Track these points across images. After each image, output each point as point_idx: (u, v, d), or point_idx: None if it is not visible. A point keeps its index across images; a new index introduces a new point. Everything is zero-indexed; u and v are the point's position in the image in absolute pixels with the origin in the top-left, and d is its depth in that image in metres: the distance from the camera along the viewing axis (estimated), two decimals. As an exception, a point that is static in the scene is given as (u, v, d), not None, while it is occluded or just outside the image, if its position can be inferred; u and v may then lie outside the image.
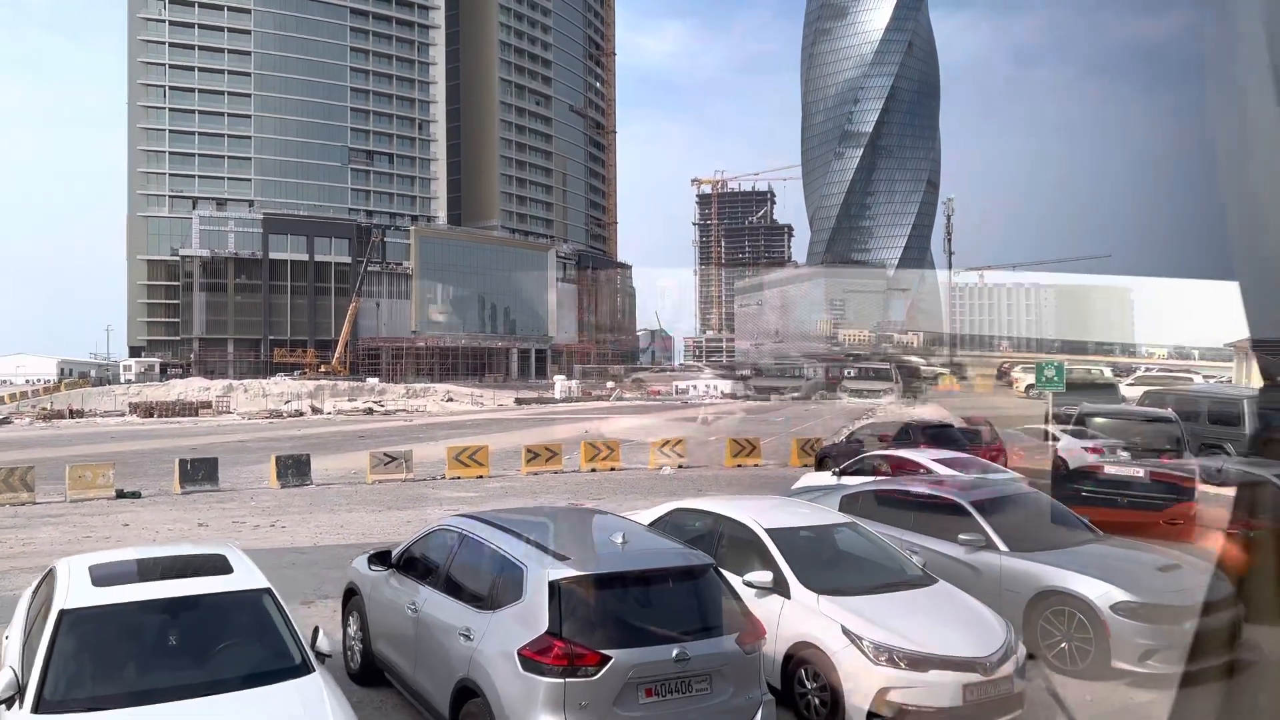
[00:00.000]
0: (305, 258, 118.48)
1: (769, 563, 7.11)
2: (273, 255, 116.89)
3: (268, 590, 5.37)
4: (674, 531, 8.22)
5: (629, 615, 5.50)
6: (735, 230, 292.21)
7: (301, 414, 74.51)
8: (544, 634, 5.19)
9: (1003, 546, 8.31)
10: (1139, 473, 11.37)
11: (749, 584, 6.95)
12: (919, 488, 9.34)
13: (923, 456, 14.24)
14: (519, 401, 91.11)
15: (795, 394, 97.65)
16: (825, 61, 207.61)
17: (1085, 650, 7.55)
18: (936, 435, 19.48)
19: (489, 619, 5.64)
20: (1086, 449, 17.84)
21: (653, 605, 5.66)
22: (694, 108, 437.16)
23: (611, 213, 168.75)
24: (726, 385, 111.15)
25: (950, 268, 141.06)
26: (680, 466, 26.26)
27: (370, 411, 76.34)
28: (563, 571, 5.42)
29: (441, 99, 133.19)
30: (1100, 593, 7.51)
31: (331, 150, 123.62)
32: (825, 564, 7.36)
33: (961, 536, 8.41)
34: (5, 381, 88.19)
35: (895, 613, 6.63)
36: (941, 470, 13.61)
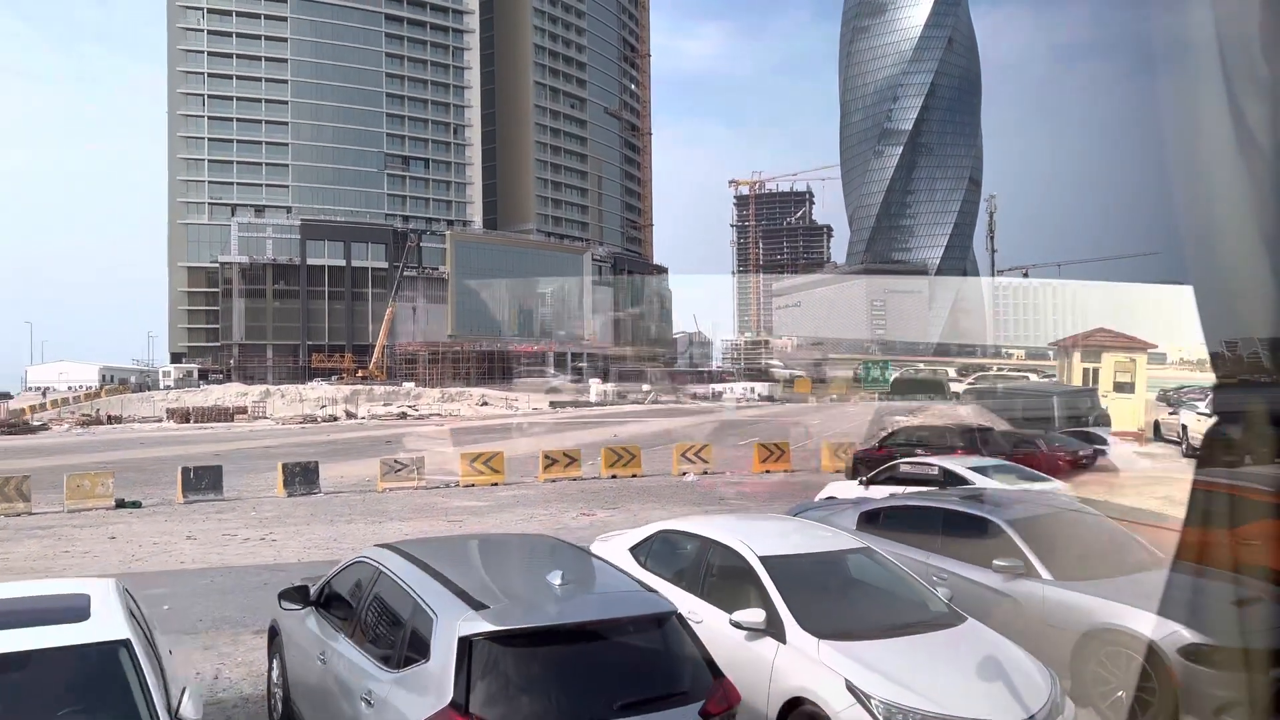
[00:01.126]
0: (342, 263, 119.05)
1: (762, 598, 5.95)
2: (310, 261, 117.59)
3: (125, 642, 4.30)
4: (658, 558, 7.11)
5: (562, 681, 4.32)
6: (773, 231, 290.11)
7: (335, 419, 74.49)
8: (446, 707, 4.07)
9: (1046, 574, 7.03)
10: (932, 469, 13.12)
11: (736, 624, 5.81)
12: (948, 503, 8.12)
13: (959, 465, 12.96)
14: (553, 405, 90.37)
15: (832, 396, 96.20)
16: (864, 59, 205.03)
17: (1147, 702, 6.25)
18: (978, 440, 18.14)
19: (390, 682, 4.54)
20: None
21: (596, 667, 4.46)
22: (733, 110, 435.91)
23: (647, 215, 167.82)
24: (763, 387, 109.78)
25: (993, 266, 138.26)
26: (705, 473, 25.10)
27: (404, 416, 76.09)
28: (476, 625, 4.28)
29: (476, 103, 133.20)
30: (1165, 632, 6.18)
31: (367, 156, 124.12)
32: (830, 600, 6.15)
33: (997, 562, 7.15)
34: (49, 388, 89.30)
35: (913, 662, 5.40)
36: (979, 481, 12.34)
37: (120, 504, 19.15)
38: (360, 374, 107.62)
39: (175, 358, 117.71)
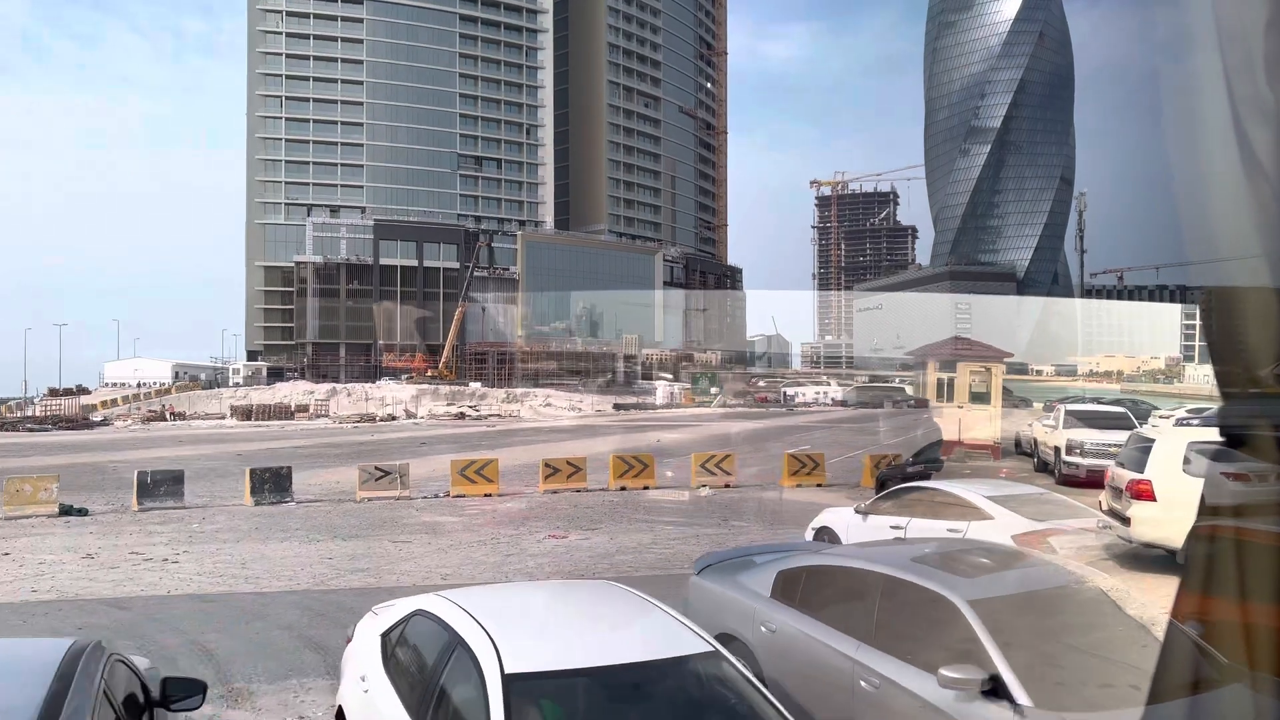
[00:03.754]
0: (415, 263, 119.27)
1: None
2: (383, 261, 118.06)
3: None
4: (402, 656, 4.77)
5: None
6: (856, 233, 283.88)
7: (395, 418, 74.00)
8: None
9: (1022, 696, 4.45)
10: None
11: None
12: (890, 565, 5.55)
13: (974, 491, 10.25)
14: (617, 407, 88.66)
15: (909, 402, 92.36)
16: (950, 55, 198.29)
17: None
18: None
19: None
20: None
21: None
22: (818, 112, 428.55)
23: (722, 215, 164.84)
24: (837, 392, 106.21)
25: (1081, 268, 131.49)
26: (727, 486, 22.61)
27: (461, 416, 75.21)
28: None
29: (549, 103, 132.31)
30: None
31: (441, 156, 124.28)
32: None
33: (945, 672, 4.62)
34: (122, 384, 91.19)
35: None
36: (996, 515, 9.66)
37: (65, 510, 17.65)
38: (430, 374, 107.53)
39: (251, 355, 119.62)
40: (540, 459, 22.71)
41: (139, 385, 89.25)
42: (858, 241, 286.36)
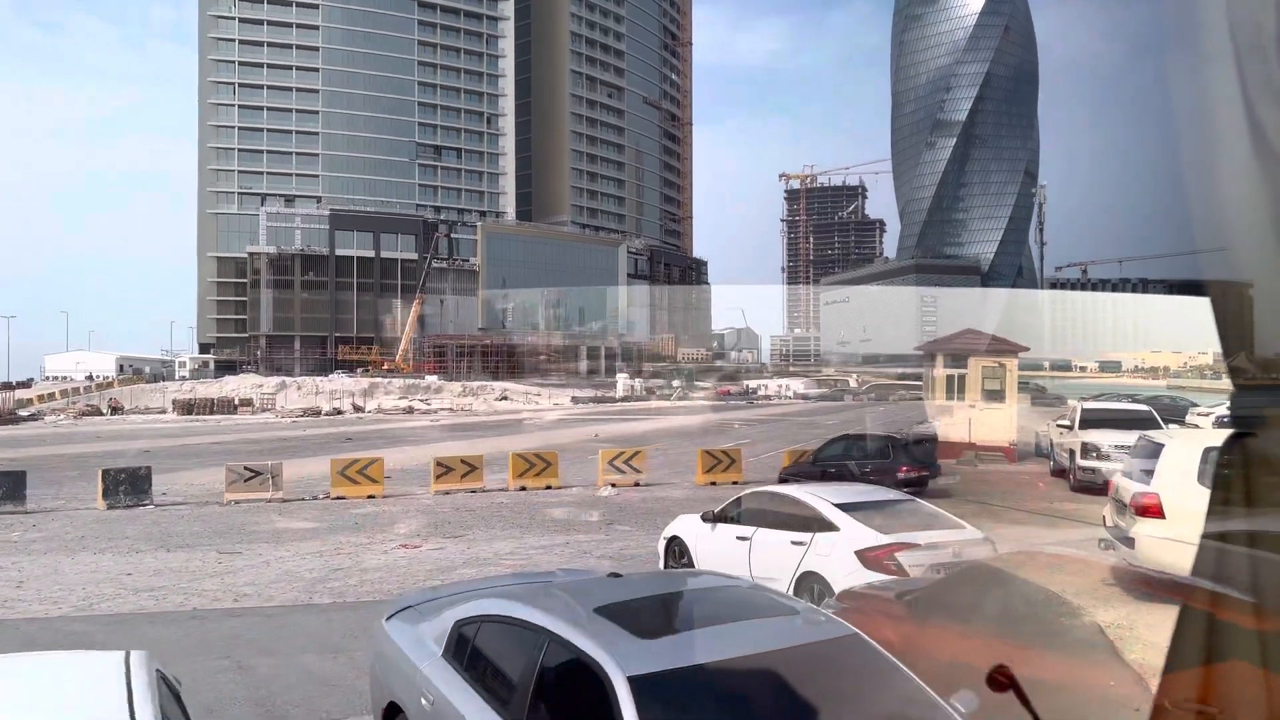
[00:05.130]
0: (372, 254, 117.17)
1: None
2: (339, 252, 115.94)
3: None
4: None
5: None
6: (824, 226, 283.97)
7: (341, 412, 72.17)
8: None
9: None
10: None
11: None
12: (555, 620, 3.95)
13: (819, 499, 8.95)
14: (576, 400, 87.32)
15: (870, 395, 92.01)
16: (916, 49, 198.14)
17: None
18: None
19: None
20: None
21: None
22: (791, 106, 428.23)
23: (687, 207, 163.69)
24: (799, 385, 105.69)
25: (1041, 260, 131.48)
26: (636, 485, 21.28)
27: (411, 410, 73.48)
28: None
29: (511, 93, 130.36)
30: None
31: (399, 146, 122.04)
32: None
33: None
34: (64, 378, 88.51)
35: None
36: (845, 526, 8.38)
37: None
38: (386, 367, 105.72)
39: (204, 348, 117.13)
40: (444, 456, 21.27)
41: (86, 378, 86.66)
42: (826, 235, 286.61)
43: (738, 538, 9.39)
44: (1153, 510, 7.27)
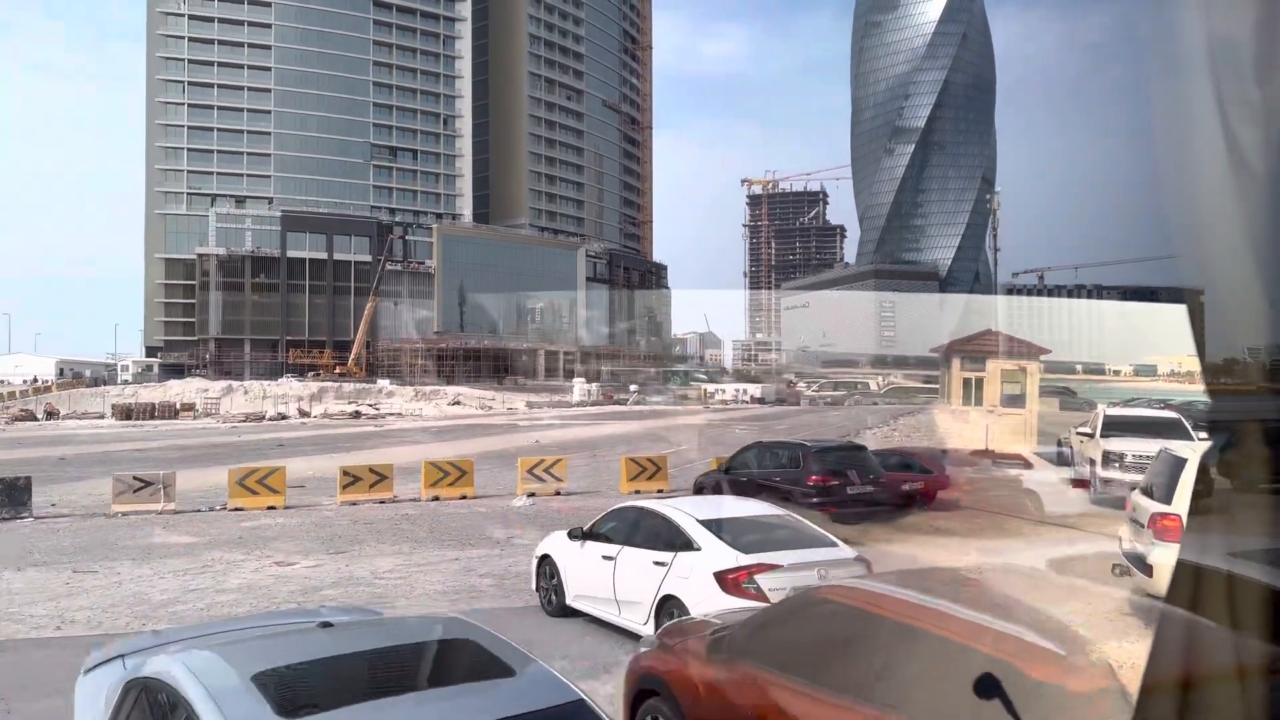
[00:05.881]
0: (324, 256, 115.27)
1: None
2: (291, 254, 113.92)
3: None
4: None
5: None
6: (786, 231, 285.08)
7: (285, 417, 70.59)
8: None
9: None
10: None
11: None
12: (191, 679, 3.13)
13: (682, 514, 8.24)
14: (530, 405, 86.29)
15: (827, 400, 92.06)
16: (876, 56, 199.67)
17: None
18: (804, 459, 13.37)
19: None
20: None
21: None
22: (755, 111, 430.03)
23: (647, 211, 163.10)
24: (756, 390, 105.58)
25: (995, 266, 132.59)
26: (557, 493, 20.51)
27: (357, 415, 72.06)
28: None
29: (468, 93, 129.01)
30: None
31: (353, 146, 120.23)
32: None
33: None
34: (2, 381, 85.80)
35: None
36: (703, 542, 7.69)
37: None
38: (338, 370, 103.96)
39: (150, 352, 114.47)
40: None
41: (24, 382, 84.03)
42: (788, 240, 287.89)
43: (603, 557, 8.67)
44: (1173, 533, 6.51)
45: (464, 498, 20.01)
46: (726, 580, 7.28)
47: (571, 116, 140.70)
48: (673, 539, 8.06)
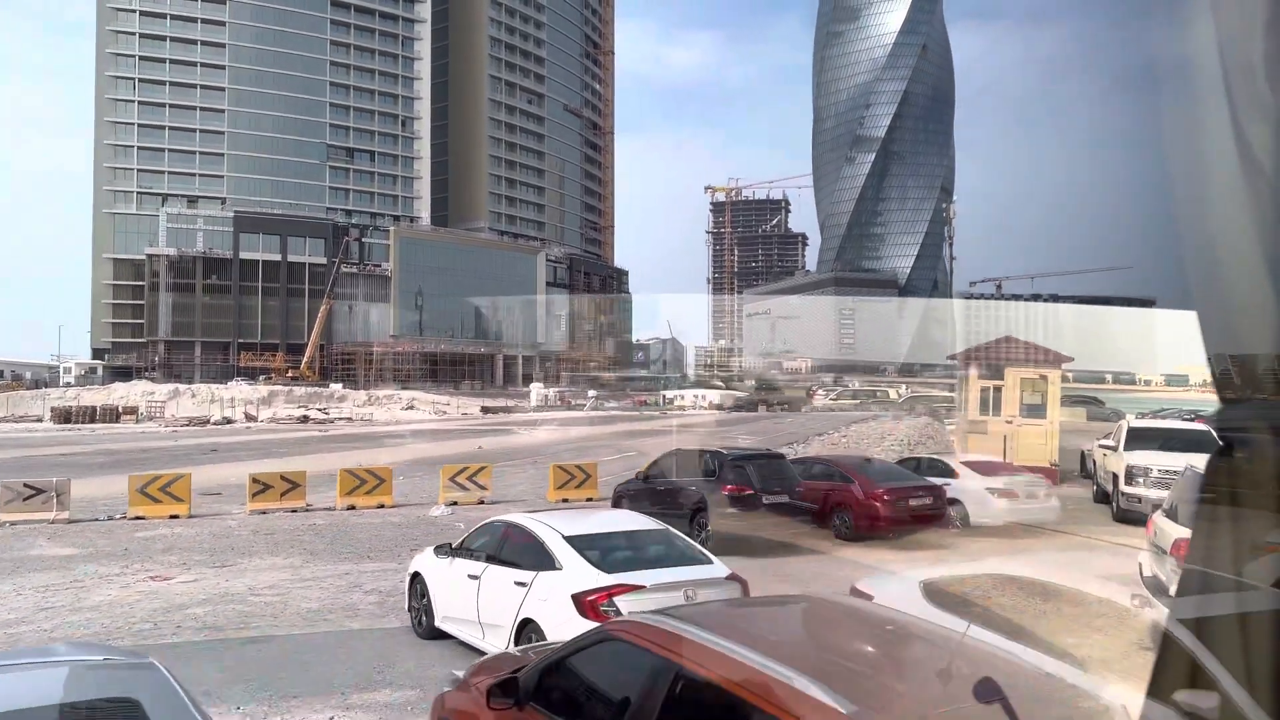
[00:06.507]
0: (278, 258, 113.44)
1: None
2: (244, 255, 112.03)
3: None
4: None
5: None
6: (749, 239, 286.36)
7: (231, 421, 69.01)
8: None
9: None
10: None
11: None
12: None
13: (547, 529, 7.64)
14: (485, 410, 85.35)
15: (783, 406, 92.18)
16: (837, 65, 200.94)
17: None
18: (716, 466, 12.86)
19: None
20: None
21: None
22: (720, 119, 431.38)
23: (608, 216, 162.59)
24: (715, 395, 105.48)
25: (951, 275, 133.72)
26: (481, 502, 19.82)
27: (305, 420, 70.66)
28: None
29: (427, 95, 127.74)
30: None
31: (309, 147, 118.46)
32: None
33: None
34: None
35: None
36: (565, 561, 7.09)
37: None
38: (290, 374, 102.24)
39: (98, 354, 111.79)
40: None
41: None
42: (750, 247, 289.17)
43: (469, 575, 8.04)
44: None
45: (381, 507, 19.26)
46: (584, 603, 6.69)
47: (532, 120, 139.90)
48: (537, 557, 7.46)
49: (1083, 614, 4.94)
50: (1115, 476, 16.52)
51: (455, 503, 19.69)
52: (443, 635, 8.62)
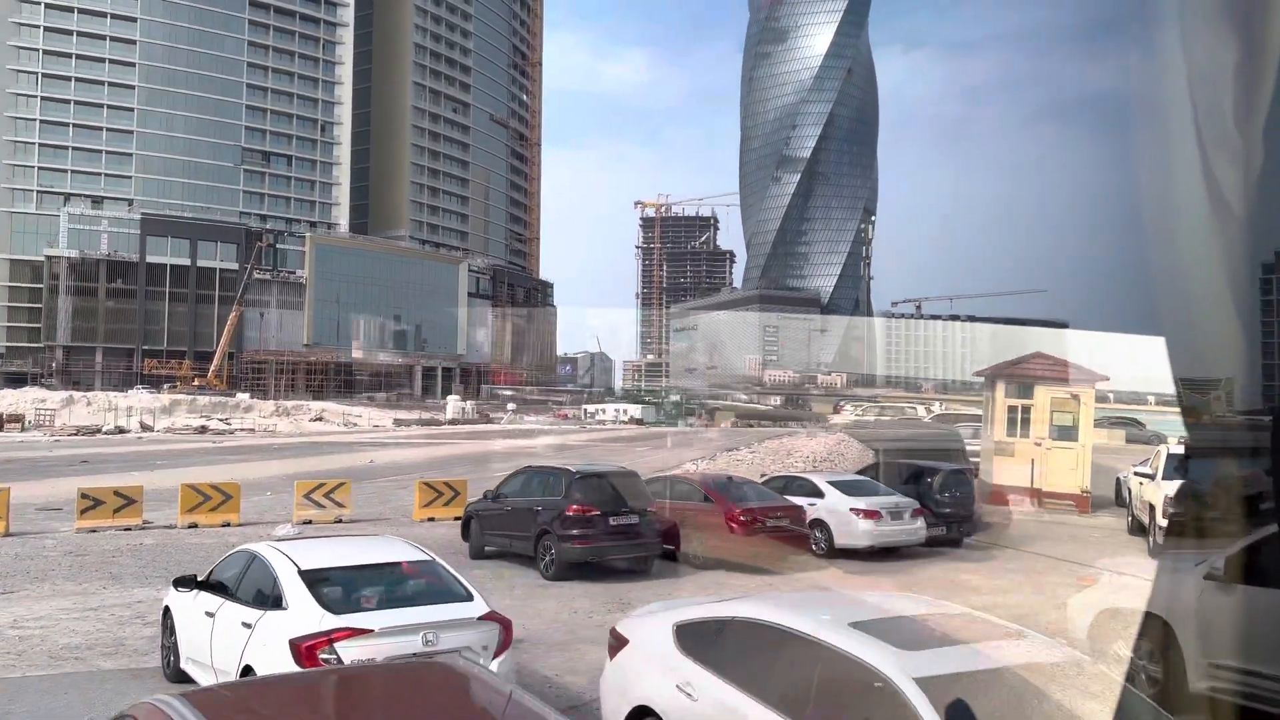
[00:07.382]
0: (188, 262, 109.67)
1: None
2: (151, 259, 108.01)
3: None
4: None
5: None
6: (678, 255, 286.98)
7: (125, 431, 66.11)
8: None
9: None
10: None
11: None
12: None
13: (285, 561, 6.79)
14: (398, 423, 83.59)
15: (706, 423, 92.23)
16: (765, 86, 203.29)
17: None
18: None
19: None
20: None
21: None
22: (653, 135, 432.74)
23: (534, 228, 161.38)
24: (636, 410, 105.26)
25: (869, 295, 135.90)
26: (339, 521, 18.73)
27: (204, 430, 68.03)
28: None
29: (348, 100, 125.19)
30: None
31: (223, 149, 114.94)
32: None
33: None
34: None
35: None
36: (294, 599, 6.25)
37: None
38: (196, 382, 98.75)
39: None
40: (91, 488, 18.11)
41: None
42: (679, 263, 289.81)
43: (206, 613, 7.14)
44: None
45: (226, 525, 18.04)
46: (300, 650, 5.86)
47: (457, 129, 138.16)
48: (268, 593, 6.60)
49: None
50: (1152, 507, 15.42)
51: (309, 521, 18.60)
52: (189, 679, 7.67)
